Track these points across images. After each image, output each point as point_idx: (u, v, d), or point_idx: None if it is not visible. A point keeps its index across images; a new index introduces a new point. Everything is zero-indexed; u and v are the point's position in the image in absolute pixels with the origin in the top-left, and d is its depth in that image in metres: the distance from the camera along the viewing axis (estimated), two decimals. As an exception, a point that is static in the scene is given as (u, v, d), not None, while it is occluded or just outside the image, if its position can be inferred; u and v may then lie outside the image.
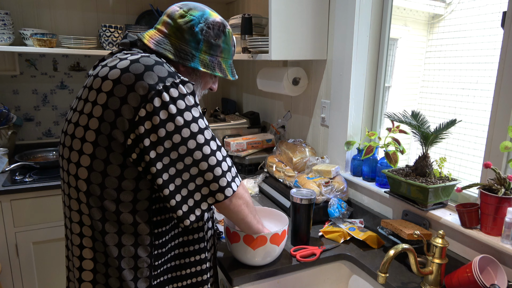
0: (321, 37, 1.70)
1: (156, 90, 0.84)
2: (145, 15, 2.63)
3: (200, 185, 0.90)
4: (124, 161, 0.87)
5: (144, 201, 0.91)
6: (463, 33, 1.64)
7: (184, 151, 0.87)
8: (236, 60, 2.77)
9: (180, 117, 0.86)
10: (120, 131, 0.84)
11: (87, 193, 0.90)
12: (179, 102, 0.86)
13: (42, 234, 1.97)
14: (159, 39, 0.99)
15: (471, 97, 1.55)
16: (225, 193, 0.92)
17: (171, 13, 1.01)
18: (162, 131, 0.84)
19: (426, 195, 1.19)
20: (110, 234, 0.91)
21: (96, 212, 0.90)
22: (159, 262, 0.97)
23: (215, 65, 1.05)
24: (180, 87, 0.88)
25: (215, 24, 1.03)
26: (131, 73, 0.85)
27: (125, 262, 0.92)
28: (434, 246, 1.07)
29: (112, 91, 0.85)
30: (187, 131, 0.86)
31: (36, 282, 2.01)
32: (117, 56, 0.95)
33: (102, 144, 0.86)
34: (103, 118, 0.85)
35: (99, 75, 0.90)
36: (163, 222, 0.96)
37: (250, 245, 1.13)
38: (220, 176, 0.91)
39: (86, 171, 0.88)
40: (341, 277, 1.34)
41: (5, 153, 2.08)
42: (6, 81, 2.41)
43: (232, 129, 2.22)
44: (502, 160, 1.11)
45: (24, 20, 2.35)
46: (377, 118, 1.64)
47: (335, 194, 1.51)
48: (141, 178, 0.89)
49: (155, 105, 0.83)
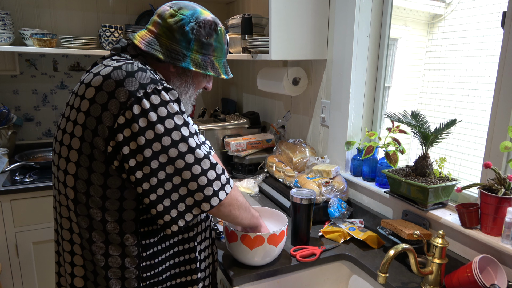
0: (321, 37, 1.70)
1: (136, 97, 0.82)
2: (145, 15, 2.63)
3: (183, 195, 0.87)
4: (107, 169, 0.85)
5: (131, 211, 0.90)
6: (463, 33, 1.64)
7: (165, 159, 0.84)
8: (236, 60, 2.77)
9: (160, 125, 0.83)
10: (101, 138, 0.83)
11: (75, 200, 0.89)
12: (160, 109, 0.84)
13: (42, 234, 1.97)
14: (149, 40, 0.97)
15: (471, 97, 1.55)
16: (211, 203, 0.89)
17: (162, 13, 0.99)
18: (142, 139, 0.82)
19: (426, 195, 1.19)
20: (97, 243, 0.90)
21: (84, 221, 0.89)
22: (149, 274, 0.95)
23: (207, 64, 1.02)
24: (163, 94, 0.85)
25: (206, 22, 1.00)
26: (112, 80, 0.84)
27: (112, 272, 0.91)
28: (434, 246, 1.07)
29: (94, 98, 0.84)
30: (168, 139, 0.84)
31: (36, 282, 2.01)
32: (103, 62, 0.94)
33: (85, 152, 0.85)
34: (86, 126, 0.85)
35: (84, 82, 0.89)
36: (151, 233, 0.94)
37: (248, 245, 1.13)
38: (205, 185, 0.88)
39: (73, 179, 0.88)
40: (341, 277, 1.34)
41: (5, 153, 2.08)
42: (6, 81, 2.41)
43: (232, 129, 2.22)
44: (502, 160, 1.11)
45: (24, 20, 2.35)
46: (377, 118, 1.64)
47: (335, 194, 1.51)
48: (125, 187, 0.88)
49: (134, 112, 0.81)
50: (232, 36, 1.94)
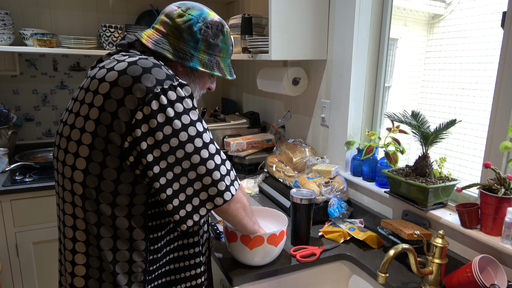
0: (321, 37, 1.70)
1: (154, 93, 0.83)
2: (145, 15, 2.63)
3: (198, 190, 0.89)
4: (121, 164, 0.86)
5: (140, 206, 0.90)
6: (463, 33, 1.64)
7: (182, 154, 0.86)
8: (236, 60, 2.77)
9: (177, 120, 0.85)
10: (117, 133, 0.84)
11: (83, 196, 0.89)
12: (177, 105, 0.85)
13: (42, 234, 1.97)
14: (157, 39, 0.98)
15: (471, 97, 1.55)
16: (224, 197, 0.91)
17: (169, 13, 1.00)
18: (160, 134, 0.83)
19: (426, 195, 1.19)
20: (106, 238, 0.90)
21: (92, 216, 0.89)
22: (154, 267, 0.96)
23: (213, 64, 1.04)
24: (178, 90, 0.86)
25: (214, 23, 1.02)
26: (128, 75, 0.85)
27: (119, 266, 0.91)
28: (434, 246, 1.07)
29: (109, 93, 0.84)
30: (184, 134, 0.85)
31: (36, 282, 2.01)
32: (114, 57, 0.94)
33: (99, 147, 0.85)
34: (100, 121, 0.85)
35: (96, 77, 0.89)
36: (159, 228, 0.95)
37: (247, 245, 1.13)
38: (218, 180, 0.90)
39: (82, 174, 0.87)
40: (341, 277, 1.34)
41: (5, 153, 2.08)
42: (6, 81, 2.41)
43: (232, 129, 2.22)
44: (502, 160, 1.11)
45: (24, 20, 2.35)
46: (377, 118, 1.64)
47: (335, 194, 1.51)
48: (137, 182, 0.88)
49: (152, 108, 0.82)
50: (232, 36, 1.94)
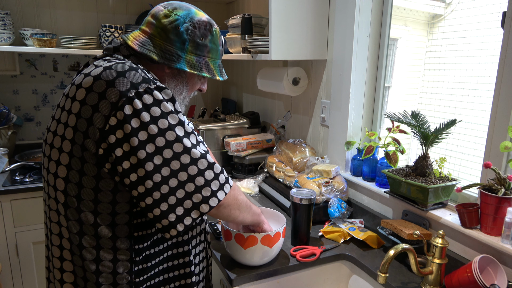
0: (321, 37, 1.70)
1: (127, 97, 0.80)
2: (145, 15, 2.62)
3: (181, 198, 0.84)
4: (99, 172, 0.84)
5: (124, 215, 0.87)
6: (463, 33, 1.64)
7: (160, 161, 0.81)
8: (236, 60, 2.77)
9: (153, 125, 0.81)
10: (91, 140, 0.81)
11: (65, 205, 0.87)
12: (153, 109, 0.82)
13: (42, 234, 1.97)
14: (143, 40, 0.95)
15: (471, 97, 1.55)
16: (210, 204, 0.87)
17: (156, 13, 0.97)
18: (135, 140, 0.79)
19: (426, 195, 1.19)
20: (88, 248, 0.87)
21: (74, 225, 0.87)
22: (142, 279, 0.93)
23: (202, 65, 1.00)
24: (156, 93, 0.83)
25: (201, 23, 0.98)
26: (102, 80, 0.82)
27: (103, 277, 0.89)
28: (434, 246, 1.07)
29: (85, 99, 0.82)
30: (161, 139, 0.81)
31: (36, 282, 2.01)
32: (94, 63, 0.92)
33: (77, 155, 0.83)
34: (77, 128, 0.82)
35: (75, 83, 0.87)
36: (145, 238, 0.92)
37: (241, 244, 1.13)
38: (202, 186, 0.85)
39: (63, 182, 0.86)
40: (341, 277, 1.34)
41: (5, 153, 2.08)
42: (6, 81, 2.41)
43: (232, 129, 2.22)
44: (502, 160, 1.11)
45: (24, 20, 2.35)
46: (377, 118, 1.64)
47: (335, 194, 1.51)
48: (118, 190, 0.85)
49: (125, 113, 0.79)
50: (232, 36, 1.94)
